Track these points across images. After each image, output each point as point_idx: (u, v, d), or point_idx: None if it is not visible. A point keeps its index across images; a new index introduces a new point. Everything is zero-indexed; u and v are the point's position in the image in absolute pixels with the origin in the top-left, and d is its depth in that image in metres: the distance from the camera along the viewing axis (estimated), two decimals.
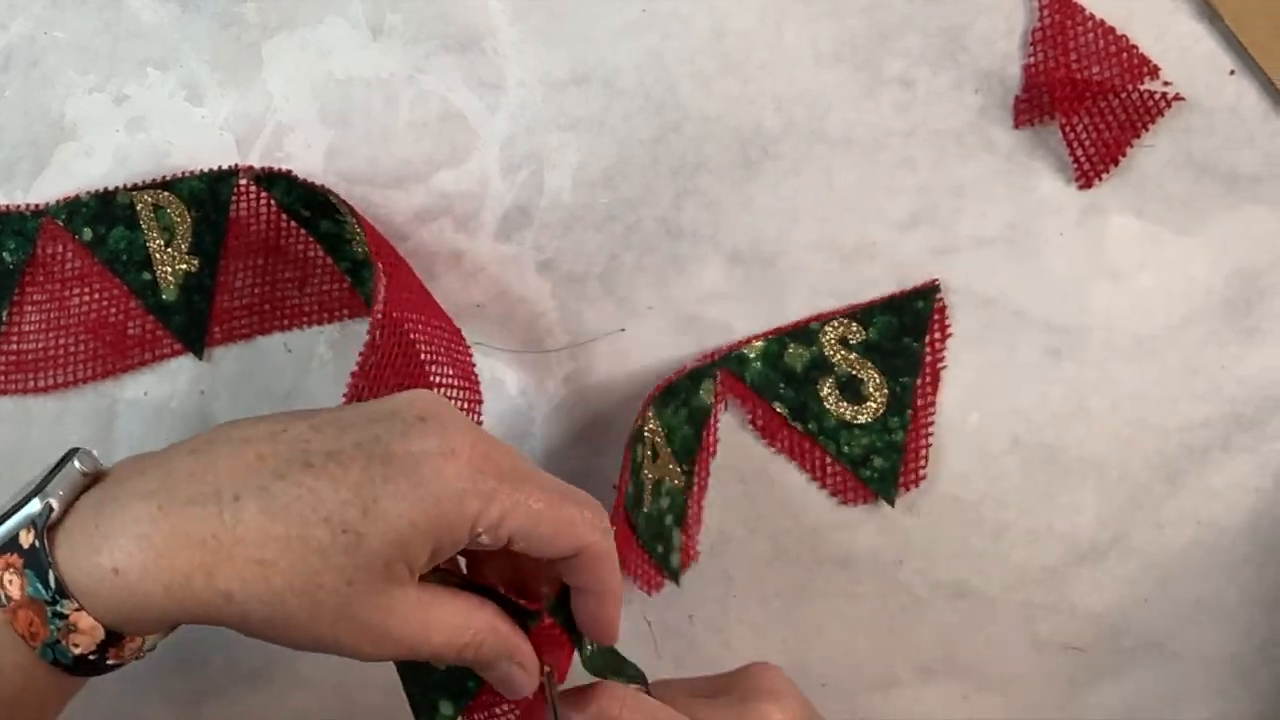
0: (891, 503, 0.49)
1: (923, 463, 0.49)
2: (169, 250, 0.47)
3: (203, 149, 0.47)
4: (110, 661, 0.33)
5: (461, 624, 0.35)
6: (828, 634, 0.50)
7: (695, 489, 0.49)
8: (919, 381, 0.48)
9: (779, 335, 0.48)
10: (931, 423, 0.49)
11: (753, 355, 0.48)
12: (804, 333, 0.48)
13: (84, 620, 0.32)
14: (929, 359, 0.48)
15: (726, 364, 0.48)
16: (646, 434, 0.47)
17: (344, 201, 0.46)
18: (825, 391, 0.48)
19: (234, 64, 0.47)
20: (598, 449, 0.49)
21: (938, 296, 0.48)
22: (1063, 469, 0.49)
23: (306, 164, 0.47)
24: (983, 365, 0.49)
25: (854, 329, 0.48)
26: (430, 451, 0.33)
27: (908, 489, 0.49)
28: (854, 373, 0.48)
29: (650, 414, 0.47)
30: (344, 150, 0.47)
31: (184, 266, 0.47)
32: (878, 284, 0.48)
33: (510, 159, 0.48)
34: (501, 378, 0.48)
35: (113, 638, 0.33)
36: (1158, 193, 0.48)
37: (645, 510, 0.46)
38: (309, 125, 0.47)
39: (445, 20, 0.47)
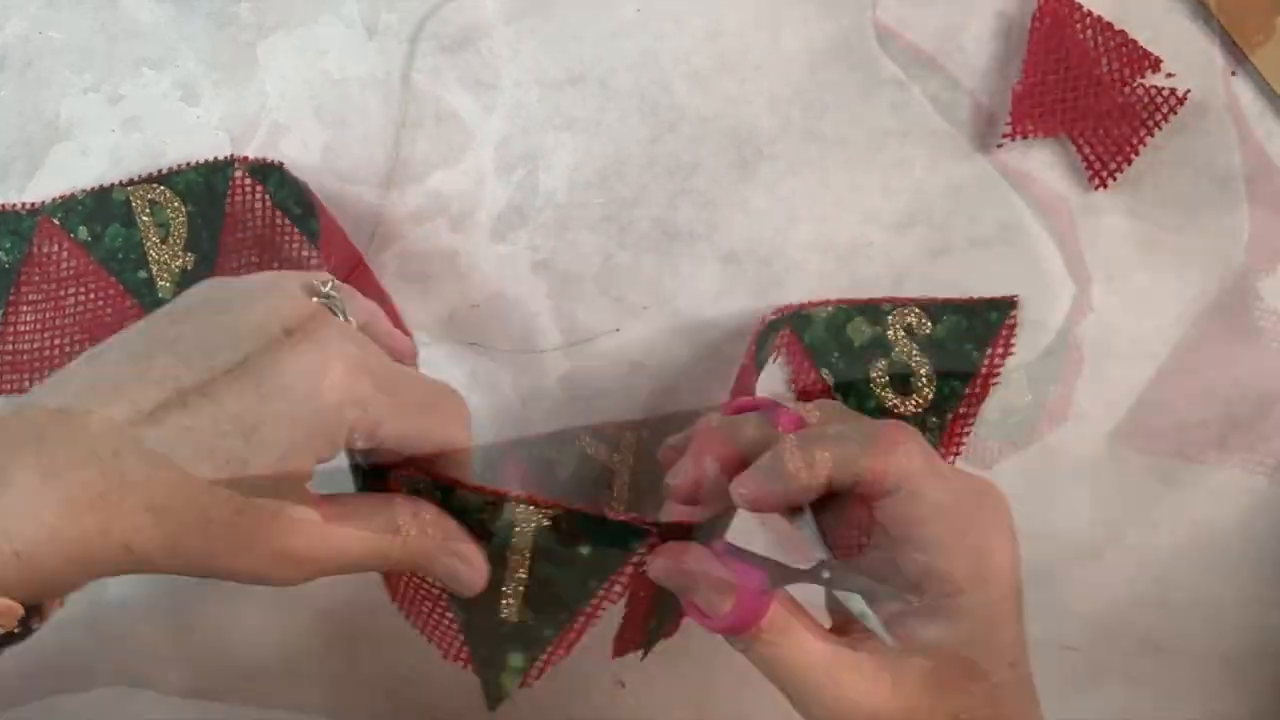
0: None
1: None
2: (164, 246, 0.47)
3: (198, 149, 0.47)
4: (35, 627, 0.33)
5: (380, 526, 0.35)
6: None
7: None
8: (967, 390, 0.47)
9: (849, 305, 0.47)
10: (968, 432, 0.48)
11: (817, 318, 0.47)
12: (873, 310, 0.47)
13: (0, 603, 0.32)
14: (984, 371, 0.47)
15: (793, 321, 0.47)
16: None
17: (320, 203, 0.45)
18: (876, 374, 0.47)
19: (230, 64, 0.47)
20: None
21: (1012, 313, 0.47)
22: (1059, 469, 0.49)
23: (302, 164, 0.47)
24: None
25: (923, 320, 0.47)
26: (303, 371, 0.33)
27: None
28: (909, 362, 0.47)
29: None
30: (339, 150, 0.47)
31: (179, 263, 0.47)
32: (876, 284, 0.48)
33: (505, 159, 0.47)
34: (496, 378, 0.48)
35: (33, 610, 0.32)
36: (1153, 193, 0.47)
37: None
38: (305, 125, 0.47)
39: (441, 20, 0.47)
